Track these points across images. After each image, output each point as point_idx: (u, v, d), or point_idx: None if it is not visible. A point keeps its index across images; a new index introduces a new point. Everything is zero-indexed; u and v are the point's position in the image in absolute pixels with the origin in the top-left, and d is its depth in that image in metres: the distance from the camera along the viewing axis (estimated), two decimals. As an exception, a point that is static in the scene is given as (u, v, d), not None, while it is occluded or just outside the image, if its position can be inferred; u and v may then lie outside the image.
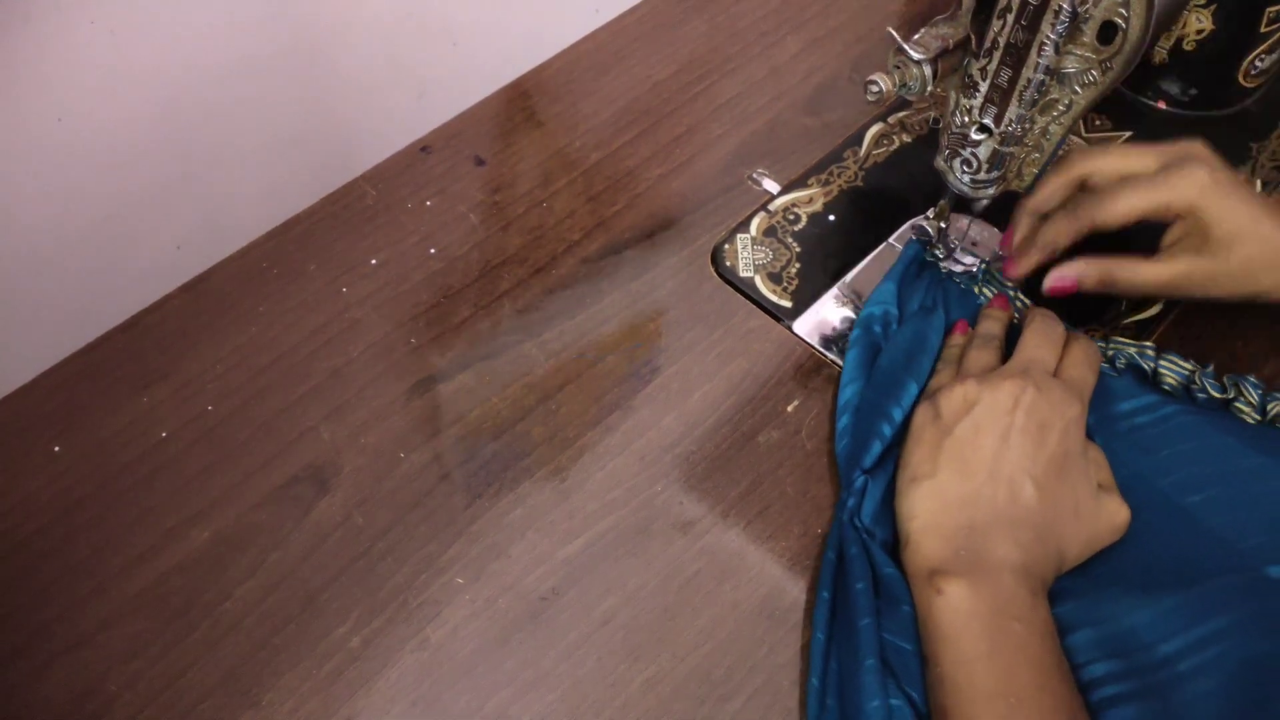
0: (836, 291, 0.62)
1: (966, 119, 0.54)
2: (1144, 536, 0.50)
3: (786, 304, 0.62)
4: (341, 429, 0.57)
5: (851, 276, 0.63)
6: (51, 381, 0.60)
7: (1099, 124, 0.70)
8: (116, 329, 0.62)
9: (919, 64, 0.51)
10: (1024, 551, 0.47)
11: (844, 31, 0.77)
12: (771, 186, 0.68)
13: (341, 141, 0.81)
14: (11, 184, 0.66)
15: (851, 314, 0.61)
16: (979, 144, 0.54)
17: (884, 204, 0.66)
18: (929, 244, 0.62)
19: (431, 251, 0.65)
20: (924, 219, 0.62)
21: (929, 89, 0.52)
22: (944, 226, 0.61)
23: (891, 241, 0.64)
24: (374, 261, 0.65)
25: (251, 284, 0.64)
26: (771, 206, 0.67)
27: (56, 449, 0.57)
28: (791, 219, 0.66)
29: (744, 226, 0.66)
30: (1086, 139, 0.69)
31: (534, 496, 0.55)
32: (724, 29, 0.77)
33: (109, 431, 0.58)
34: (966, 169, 0.55)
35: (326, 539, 0.54)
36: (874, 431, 0.53)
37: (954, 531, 0.48)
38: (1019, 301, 0.59)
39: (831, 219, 0.66)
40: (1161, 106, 0.71)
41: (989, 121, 0.53)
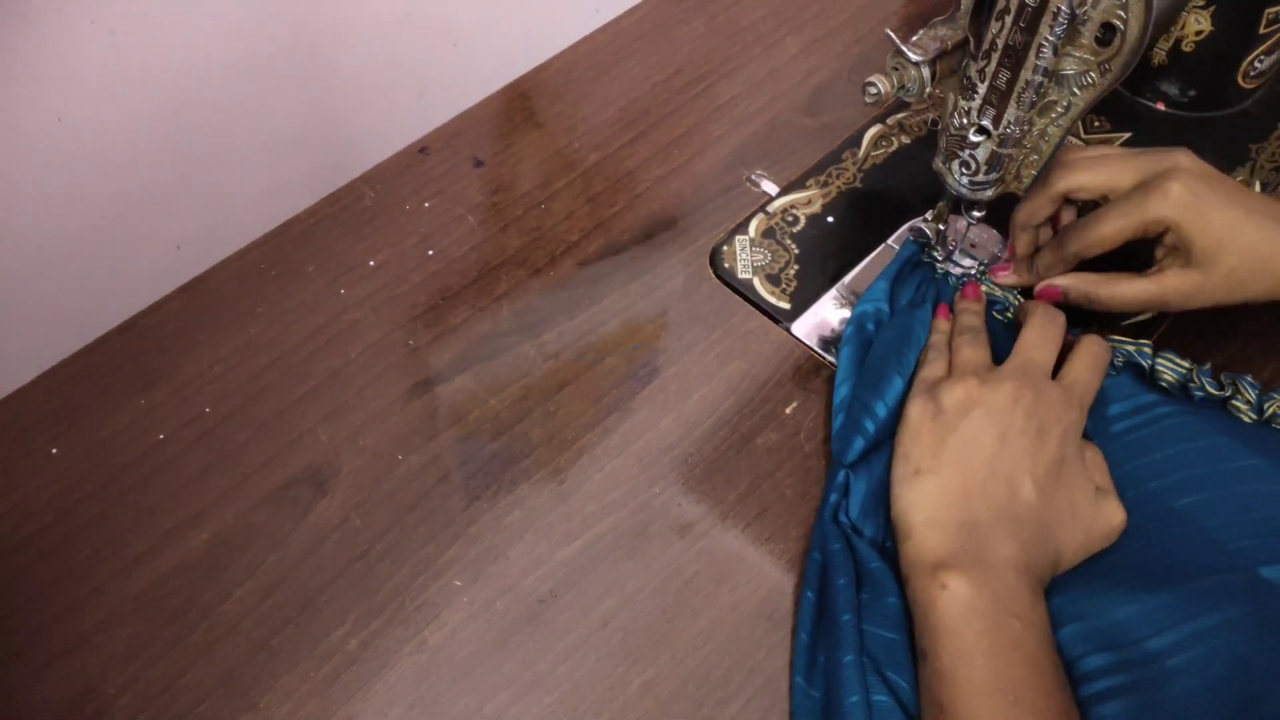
0: (835, 293, 0.62)
1: (965, 121, 0.53)
2: (1136, 536, 0.50)
3: (785, 305, 0.62)
4: (340, 430, 0.57)
5: (850, 278, 0.63)
6: (50, 382, 0.60)
7: (1098, 125, 0.70)
8: (115, 330, 0.62)
9: (917, 66, 0.51)
10: (1024, 550, 0.47)
11: (843, 33, 0.77)
12: (770, 188, 0.68)
13: (340, 142, 0.81)
14: (10, 184, 0.66)
15: (850, 315, 0.61)
16: (977, 146, 0.54)
17: (883, 206, 0.66)
18: (927, 246, 0.62)
19: (430, 253, 0.65)
20: (922, 221, 0.62)
21: (927, 91, 0.52)
22: (943, 228, 0.61)
23: (890, 243, 0.64)
24: (372, 263, 0.65)
25: (250, 285, 0.64)
26: (770, 208, 0.67)
27: (55, 450, 0.57)
28: (790, 220, 0.66)
29: (743, 228, 0.66)
30: (1086, 140, 0.69)
31: (532, 498, 0.55)
32: (723, 30, 0.77)
33: (107, 433, 0.58)
34: (965, 170, 0.55)
35: (325, 540, 0.54)
36: (857, 427, 0.54)
37: (957, 526, 0.48)
38: (1016, 299, 0.59)
39: (830, 220, 0.66)
40: (1160, 108, 0.71)
41: (987, 123, 0.53)
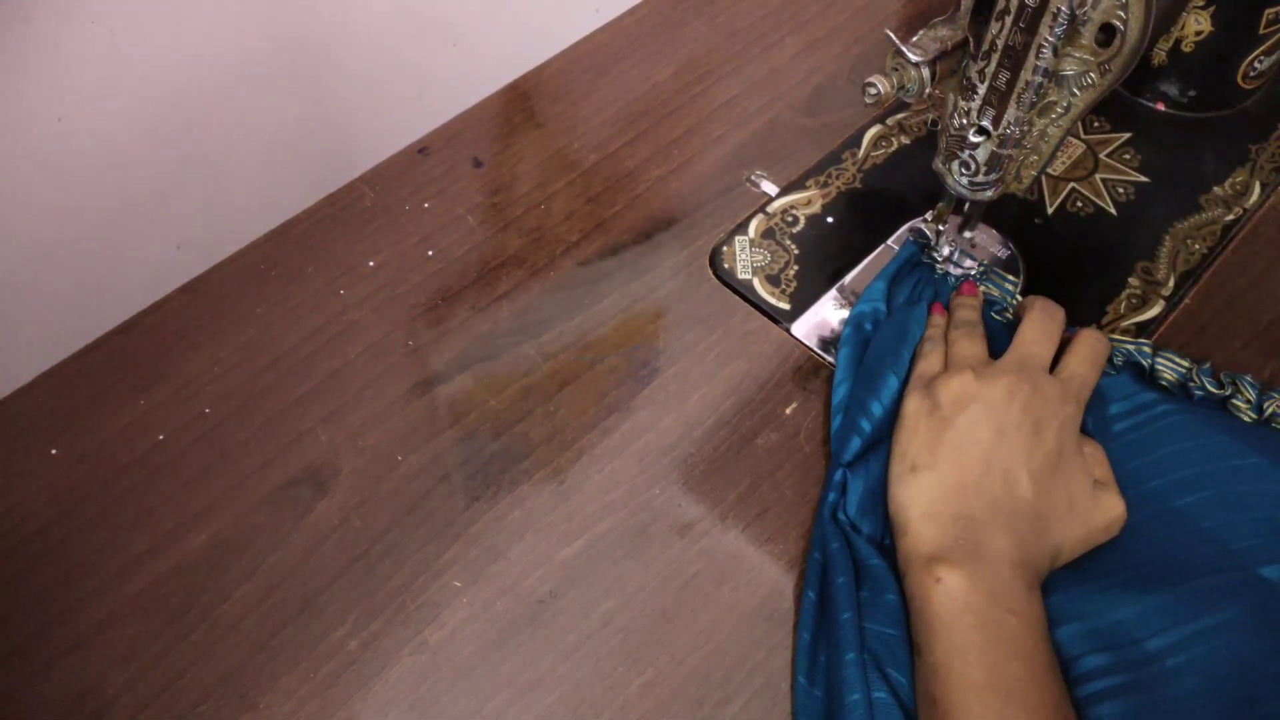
0: (835, 293, 0.62)
1: (965, 121, 0.53)
2: (1135, 536, 0.50)
3: (785, 306, 0.62)
4: (340, 431, 0.57)
5: (850, 278, 0.63)
6: (50, 383, 0.60)
7: (1098, 125, 0.70)
8: (115, 330, 0.62)
9: (917, 66, 0.51)
10: (1021, 545, 0.47)
11: (842, 33, 0.77)
12: (770, 188, 0.68)
13: (340, 143, 0.81)
14: (11, 184, 0.66)
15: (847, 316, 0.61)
16: (977, 146, 0.54)
17: (882, 206, 0.66)
18: (927, 246, 0.62)
19: (430, 253, 0.65)
20: (922, 221, 0.62)
21: (927, 91, 0.52)
22: (942, 229, 0.61)
23: (890, 243, 0.64)
24: (372, 263, 0.65)
25: (250, 285, 0.64)
26: (770, 208, 0.67)
27: (54, 451, 0.57)
28: (790, 221, 0.66)
29: (742, 228, 0.66)
30: (1086, 140, 0.69)
31: (532, 499, 0.55)
32: (723, 30, 0.77)
33: (107, 433, 0.58)
34: (965, 171, 0.55)
35: (325, 541, 0.54)
36: (854, 427, 0.54)
37: (953, 521, 0.48)
38: (1014, 298, 0.59)
39: (830, 221, 0.66)
40: (1160, 108, 0.71)
41: (987, 124, 0.53)
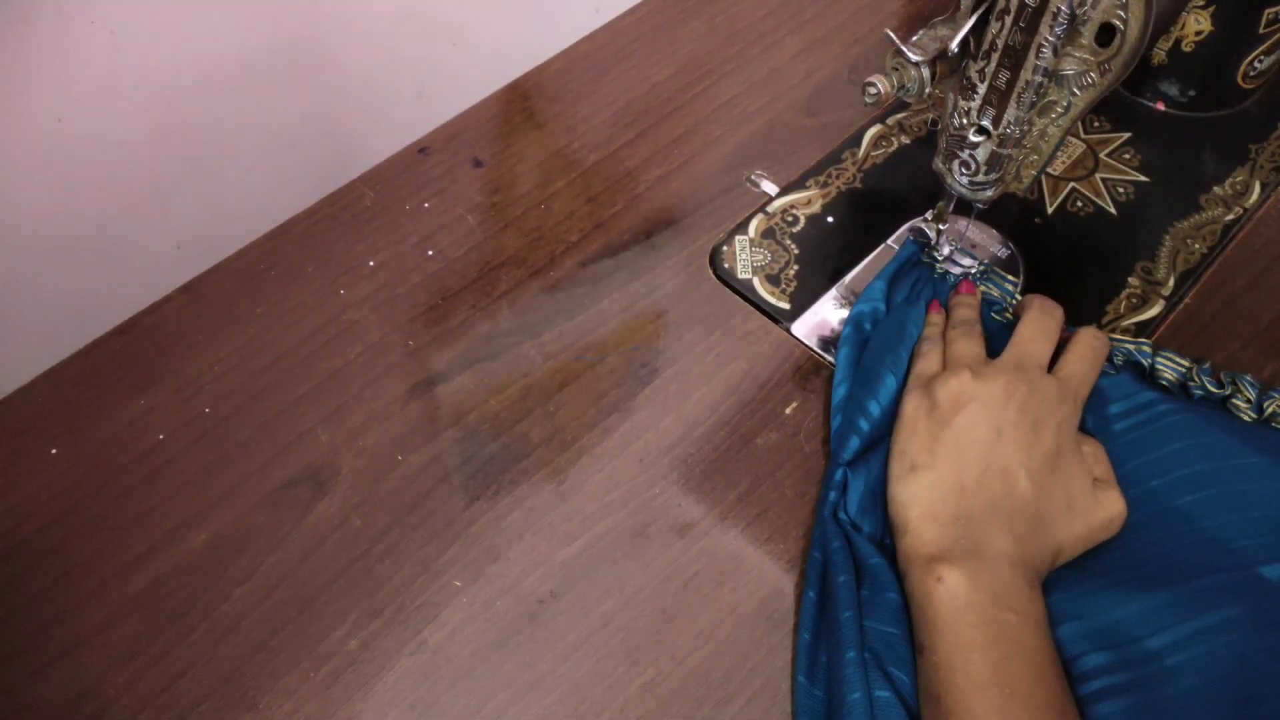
0: (835, 293, 0.62)
1: (965, 121, 0.53)
2: (1136, 535, 0.50)
3: (785, 306, 0.62)
4: (340, 431, 0.57)
5: (850, 278, 0.63)
6: (49, 383, 0.60)
7: (1098, 125, 0.70)
8: (114, 330, 0.62)
9: (917, 66, 0.51)
10: (1020, 544, 0.48)
11: (842, 33, 0.77)
12: (770, 188, 0.68)
13: (340, 143, 0.81)
14: (11, 184, 0.66)
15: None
16: (977, 146, 0.54)
17: (882, 206, 0.66)
18: (927, 246, 0.62)
19: (430, 253, 0.65)
20: (922, 221, 0.62)
21: (927, 91, 0.52)
22: (942, 228, 0.61)
23: (890, 243, 0.64)
24: (372, 263, 0.65)
25: (250, 285, 0.64)
26: (770, 208, 0.67)
27: (54, 451, 0.57)
28: (790, 221, 0.66)
29: (742, 228, 0.66)
30: (1086, 140, 0.69)
31: (532, 499, 0.55)
32: (723, 30, 0.77)
33: (107, 433, 0.58)
34: (965, 171, 0.55)
35: (324, 541, 0.54)
36: (853, 426, 0.54)
37: (953, 520, 0.48)
38: (1013, 298, 0.59)
39: (830, 221, 0.66)
40: (1160, 108, 0.71)
41: (987, 123, 0.53)
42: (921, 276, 0.61)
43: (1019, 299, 0.59)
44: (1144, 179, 0.67)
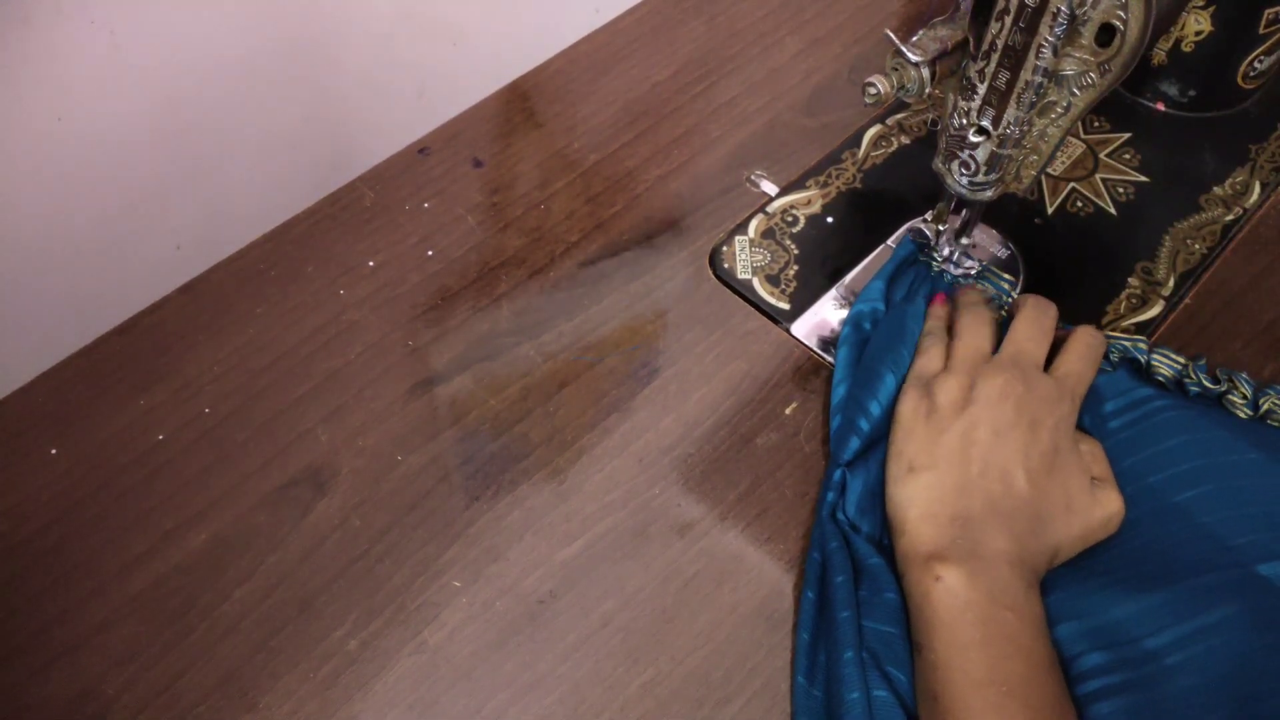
0: (835, 293, 0.62)
1: (964, 121, 0.53)
2: (1133, 532, 0.50)
3: (785, 306, 0.62)
4: (339, 431, 0.57)
5: (850, 278, 0.63)
6: (49, 383, 0.60)
7: (1098, 125, 0.70)
8: (114, 330, 0.62)
9: (917, 66, 0.51)
10: (1018, 543, 0.48)
11: (842, 33, 0.77)
12: (770, 188, 0.68)
13: (340, 143, 0.81)
14: (11, 184, 0.66)
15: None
16: (977, 146, 0.54)
17: (882, 206, 0.66)
18: (927, 246, 0.62)
19: (429, 253, 0.65)
20: (922, 221, 0.62)
21: (927, 91, 0.52)
22: (942, 229, 0.61)
23: (889, 243, 0.64)
24: (372, 263, 0.65)
25: (250, 285, 0.64)
26: (770, 208, 0.67)
27: (54, 451, 0.57)
28: (790, 221, 0.66)
29: (742, 228, 0.66)
30: (1086, 140, 0.69)
31: (532, 499, 0.55)
32: (723, 30, 0.77)
33: (107, 433, 0.58)
34: (965, 171, 0.55)
35: (324, 541, 0.54)
36: (852, 427, 0.54)
37: (950, 520, 0.48)
38: (1009, 296, 0.59)
39: (830, 221, 0.66)
40: (1160, 108, 0.71)
41: (987, 124, 0.53)
42: (919, 274, 0.61)
43: (1014, 297, 0.59)
44: (1144, 179, 0.67)
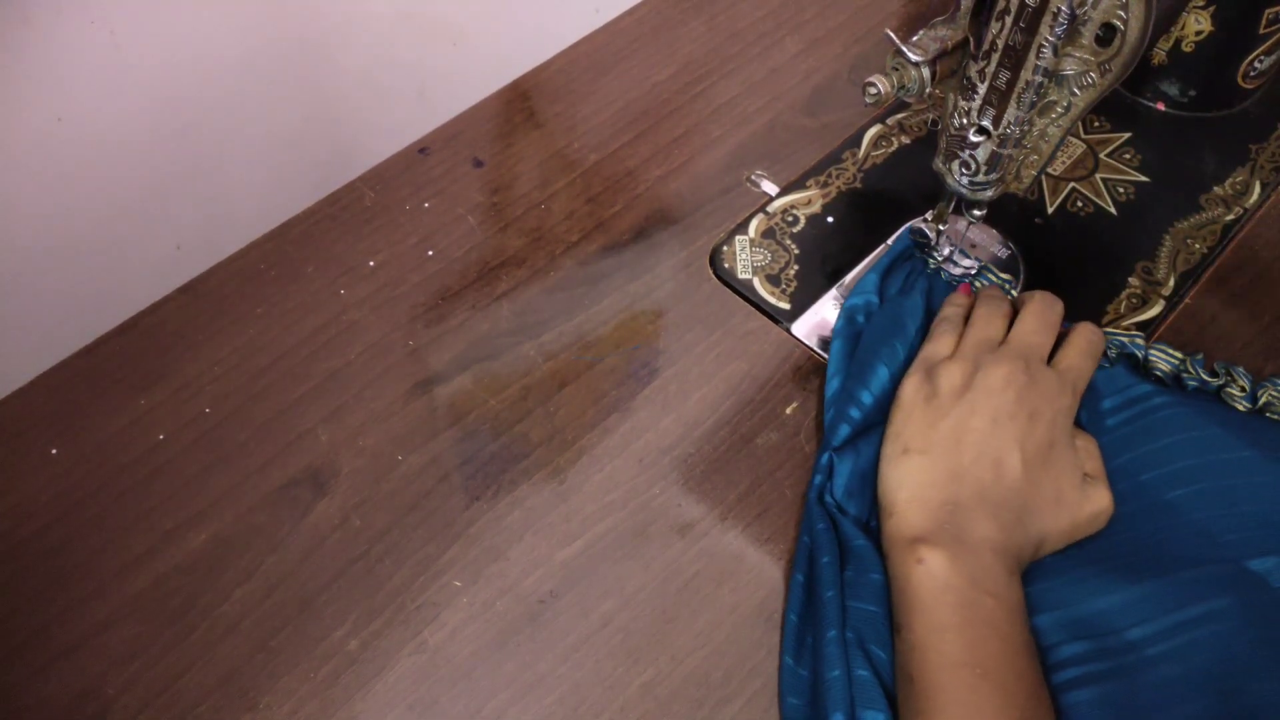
0: (835, 293, 0.62)
1: (965, 121, 0.53)
2: (1122, 527, 0.51)
3: (785, 306, 0.62)
4: (340, 431, 0.57)
5: (850, 278, 0.63)
6: (49, 383, 0.60)
7: (1098, 125, 0.70)
8: (114, 330, 0.62)
9: (917, 66, 0.51)
10: (1004, 531, 0.48)
11: (842, 33, 0.77)
12: (770, 188, 0.68)
13: (340, 143, 0.81)
14: (11, 184, 0.66)
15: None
16: (977, 146, 0.54)
17: (882, 206, 0.66)
18: (927, 246, 0.62)
19: (430, 253, 0.65)
20: (922, 221, 0.62)
21: (927, 91, 0.52)
22: (942, 229, 0.61)
23: (889, 243, 0.64)
24: (372, 263, 0.65)
25: (250, 285, 0.64)
26: (770, 208, 0.67)
27: (54, 451, 0.57)
28: (790, 221, 0.66)
29: (742, 228, 0.66)
30: (1086, 140, 0.69)
31: (532, 499, 0.55)
32: (723, 30, 0.77)
33: (107, 433, 0.58)
34: (965, 171, 0.55)
35: (324, 541, 0.54)
36: (843, 415, 0.54)
37: (939, 505, 0.48)
38: (1013, 291, 0.60)
39: (830, 221, 0.66)
40: (1160, 108, 0.71)
41: (987, 123, 0.53)
42: (915, 269, 0.61)
43: (1014, 295, 0.59)
44: (1144, 179, 0.67)
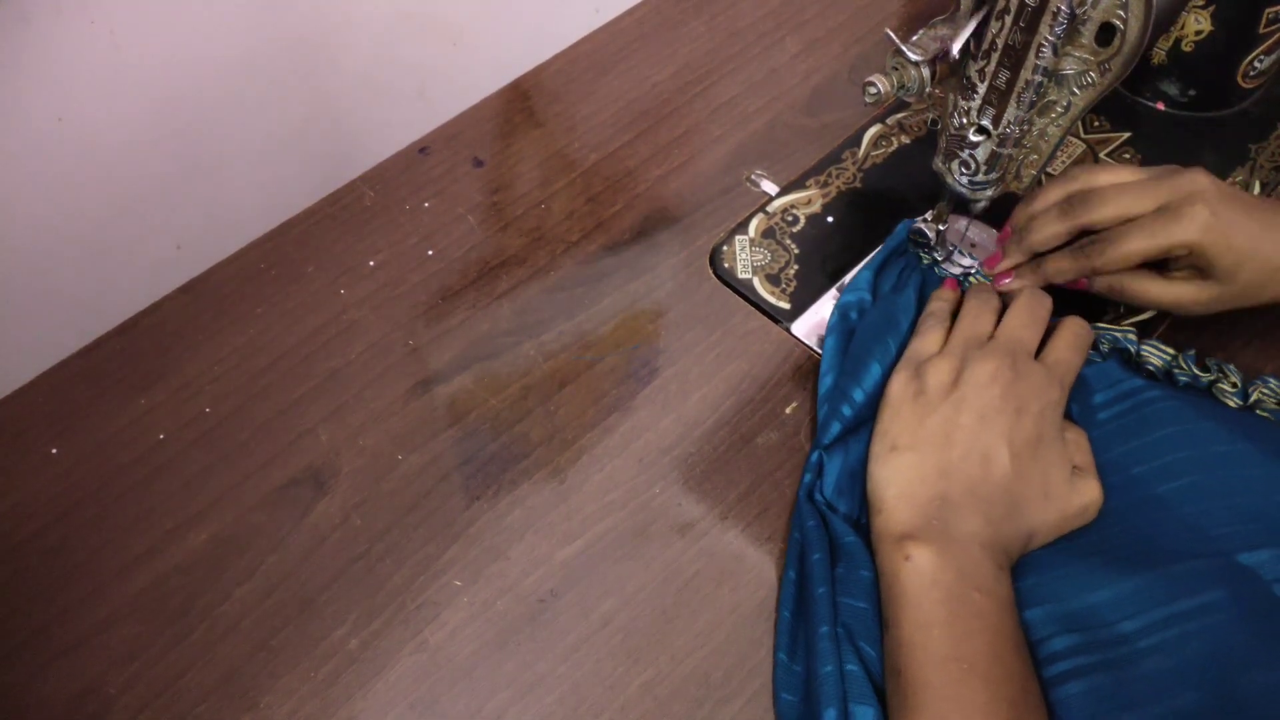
0: (835, 293, 0.62)
1: (965, 120, 0.53)
2: (1113, 521, 0.51)
3: (785, 305, 0.62)
4: (340, 430, 0.57)
5: (850, 278, 0.63)
6: (50, 383, 0.60)
7: (1098, 125, 0.70)
8: (115, 330, 0.62)
9: (917, 65, 0.51)
10: (992, 526, 0.48)
11: (842, 33, 0.77)
12: (770, 188, 0.68)
13: (340, 142, 0.81)
14: (11, 184, 0.66)
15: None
16: (977, 145, 0.54)
17: (882, 205, 0.66)
18: (927, 246, 0.62)
19: (430, 253, 0.65)
20: (922, 221, 0.62)
21: (927, 90, 0.52)
22: (942, 228, 0.61)
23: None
24: (372, 263, 0.65)
25: (250, 285, 0.64)
26: (770, 208, 0.67)
27: (54, 450, 0.57)
28: (790, 220, 0.66)
29: (742, 228, 0.66)
30: (1085, 140, 0.69)
31: (532, 498, 0.55)
32: (723, 30, 0.77)
33: (107, 433, 0.58)
34: (965, 170, 0.55)
35: (325, 541, 0.54)
36: (835, 413, 0.54)
37: (927, 501, 0.49)
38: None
39: (830, 220, 0.66)
40: (1160, 108, 0.71)
41: (987, 123, 0.53)
42: (909, 265, 0.62)
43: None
44: (1144, 179, 0.67)
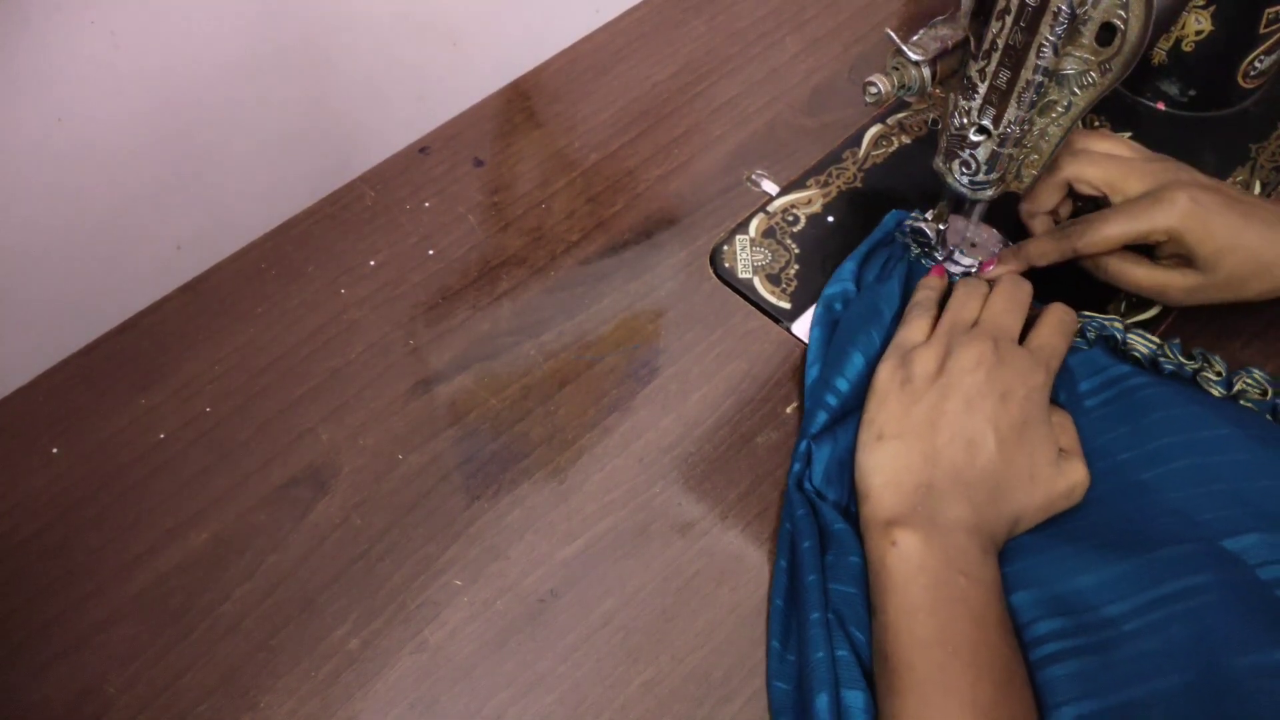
0: (835, 293, 0.62)
1: (965, 120, 0.53)
2: (1099, 507, 0.51)
3: (785, 305, 0.62)
4: (340, 430, 0.57)
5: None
6: (50, 383, 0.60)
7: (1098, 125, 0.70)
8: (115, 330, 0.62)
9: (918, 65, 0.51)
10: (978, 511, 0.48)
11: (843, 33, 0.77)
12: (770, 188, 0.68)
13: (340, 142, 0.81)
14: (11, 184, 0.66)
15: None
16: (978, 145, 0.54)
17: (883, 205, 0.66)
18: (927, 246, 0.62)
19: (430, 252, 0.65)
20: (922, 221, 0.62)
21: (928, 90, 0.52)
22: (943, 228, 0.61)
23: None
24: (373, 263, 0.65)
25: (250, 285, 0.64)
26: (770, 208, 0.67)
27: (55, 450, 0.57)
28: (790, 220, 0.66)
29: (743, 228, 0.66)
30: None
31: (532, 498, 0.55)
32: (723, 30, 0.77)
33: (107, 433, 0.58)
34: (965, 170, 0.55)
35: (325, 540, 0.54)
36: (820, 403, 0.54)
37: (913, 488, 0.49)
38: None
39: (830, 220, 0.66)
40: (1160, 107, 0.71)
41: (988, 123, 0.53)
42: (893, 255, 0.62)
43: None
44: (1144, 178, 0.67)
